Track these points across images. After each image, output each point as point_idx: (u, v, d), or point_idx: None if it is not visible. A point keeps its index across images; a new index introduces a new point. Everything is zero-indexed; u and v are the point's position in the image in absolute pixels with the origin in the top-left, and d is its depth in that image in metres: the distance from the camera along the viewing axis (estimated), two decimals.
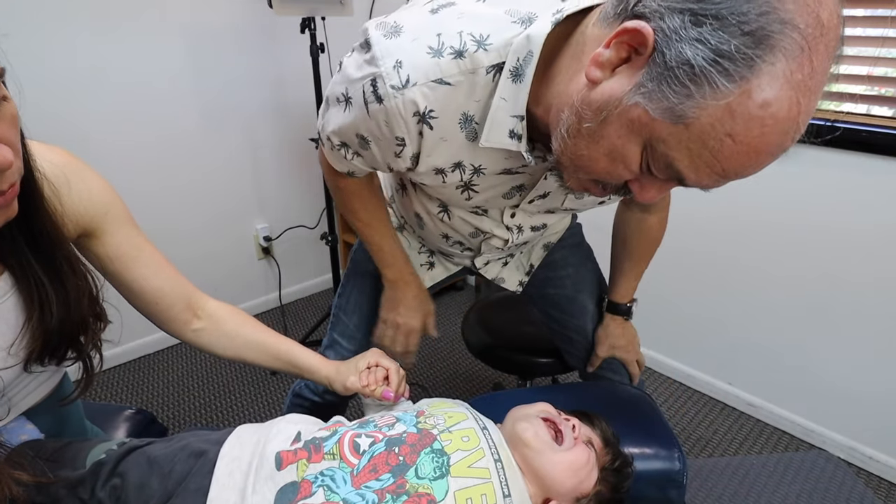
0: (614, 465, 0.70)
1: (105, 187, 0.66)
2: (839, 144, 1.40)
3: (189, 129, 1.93)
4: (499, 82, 0.59)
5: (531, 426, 0.66)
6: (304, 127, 2.22)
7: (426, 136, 0.65)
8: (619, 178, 0.55)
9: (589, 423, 0.73)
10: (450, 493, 0.56)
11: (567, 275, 1.08)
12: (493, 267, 1.07)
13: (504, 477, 0.59)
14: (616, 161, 0.53)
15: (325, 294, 2.52)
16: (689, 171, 0.50)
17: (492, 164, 0.69)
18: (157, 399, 1.85)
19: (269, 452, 0.60)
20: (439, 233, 0.93)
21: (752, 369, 1.75)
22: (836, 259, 1.48)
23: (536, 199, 0.79)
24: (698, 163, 0.48)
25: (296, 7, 1.64)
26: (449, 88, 0.60)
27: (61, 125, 1.64)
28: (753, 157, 0.47)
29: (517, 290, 1.10)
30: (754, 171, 0.49)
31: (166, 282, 0.73)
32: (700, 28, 0.43)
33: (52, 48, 1.58)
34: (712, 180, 0.50)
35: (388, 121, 0.63)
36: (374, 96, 0.62)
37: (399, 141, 0.66)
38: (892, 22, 1.29)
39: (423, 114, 0.62)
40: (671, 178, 0.52)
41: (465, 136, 0.65)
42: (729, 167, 0.48)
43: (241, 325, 0.81)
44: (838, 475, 1.54)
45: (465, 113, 0.63)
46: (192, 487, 0.59)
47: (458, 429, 0.63)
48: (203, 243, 2.10)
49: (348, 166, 0.79)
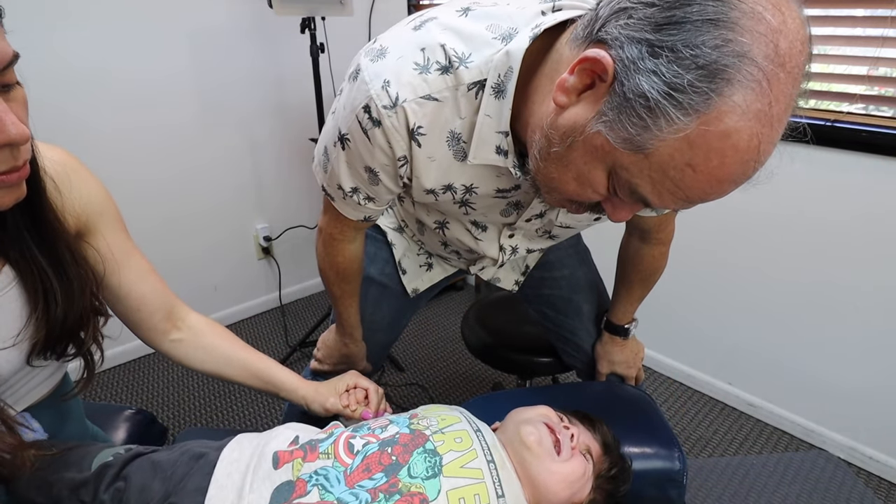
0: (610, 474, 0.69)
1: (102, 189, 0.67)
2: (839, 144, 1.40)
3: (189, 128, 1.94)
4: (482, 99, 0.59)
5: (536, 430, 0.66)
6: (304, 127, 2.22)
7: (416, 155, 0.64)
8: (589, 199, 0.56)
9: (590, 426, 0.73)
10: (442, 493, 0.56)
11: (563, 276, 1.08)
12: (488, 269, 1.06)
13: (497, 477, 0.59)
14: (584, 185, 0.53)
15: (324, 294, 2.52)
16: (652, 196, 0.50)
17: (483, 185, 0.69)
18: (157, 399, 1.85)
19: (268, 452, 0.61)
20: (438, 240, 0.95)
21: (752, 369, 1.75)
22: (836, 259, 1.48)
23: (534, 219, 0.79)
24: (661, 189, 0.49)
25: (296, 7, 1.64)
26: (436, 104, 0.60)
27: (61, 124, 1.64)
28: (716, 186, 0.47)
29: (513, 289, 1.10)
30: (719, 197, 0.50)
31: (150, 290, 0.74)
32: (656, 60, 0.43)
33: (52, 47, 1.58)
34: (677, 205, 0.51)
35: (390, 141, 0.63)
36: (371, 122, 0.62)
37: (402, 160, 0.66)
38: (892, 22, 1.29)
39: (412, 130, 0.62)
40: (637, 202, 0.53)
41: (453, 155, 0.65)
42: (692, 195, 0.48)
43: (220, 340, 0.80)
44: (838, 475, 1.54)
45: (452, 131, 0.63)
46: (190, 487, 0.59)
47: (450, 430, 0.64)
48: (203, 243, 2.10)
49: (363, 212, 0.79)
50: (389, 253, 1.02)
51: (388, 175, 0.69)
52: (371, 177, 0.70)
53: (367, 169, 0.69)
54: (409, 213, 0.95)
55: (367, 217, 0.81)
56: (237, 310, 2.29)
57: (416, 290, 1.06)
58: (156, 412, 1.77)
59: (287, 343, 2.17)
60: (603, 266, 1.13)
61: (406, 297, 1.06)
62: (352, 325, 0.99)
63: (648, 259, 0.96)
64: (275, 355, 2.08)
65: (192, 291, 2.12)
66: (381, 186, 0.71)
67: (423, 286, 1.07)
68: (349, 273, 0.91)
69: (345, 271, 0.90)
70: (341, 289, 0.93)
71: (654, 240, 0.93)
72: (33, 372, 0.65)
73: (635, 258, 0.97)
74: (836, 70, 1.41)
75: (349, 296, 0.95)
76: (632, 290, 1.00)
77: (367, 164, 0.68)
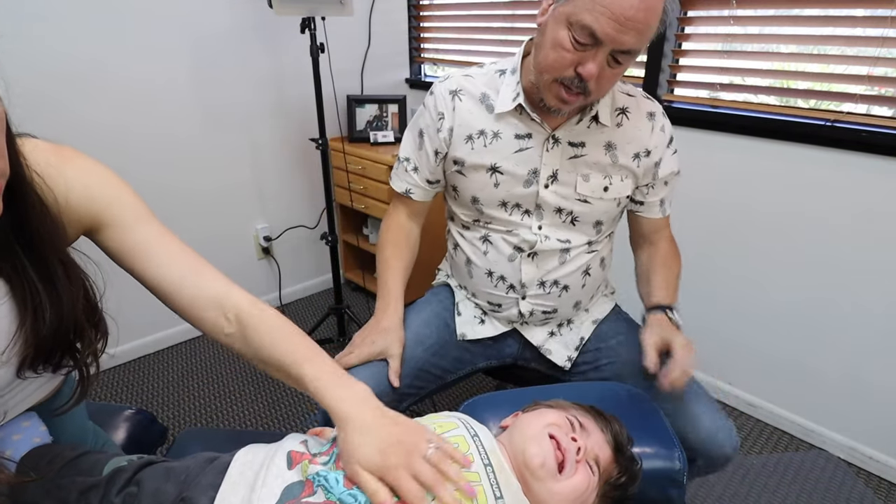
0: (619, 482, 0.67)
1: (106, 179, 0.63)
2: (839, 144, 1.40)
3: (189, 128, 1.94)
4: (505, 76, 0.99)
5: (540, 451, 0.64)
6: (304, 127, 2.23)
7: (457, 109, 1.00)
8: (564, 62, 0.82)
9: (603, 424, 0.71)
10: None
11: (619, 342, 1.07)
12: (539, 332, 1.10)
13: (495, 479, 0.60)
14: (556, 47, 0.81)
15: (325, 294, 2.53)
16: (595, 23, 0.76)
17: (505, 130, 0.98)
18: (157, 399, 1.85)
19: (282, 453, 0.63)
20: (485, 271, 1.07)
21: (752, 369, 1.75)
22: (835, 259, 1.49)
23: (551, 184, 0.99)
24: (596, 15, 0.76)
25: (296, 7, 1.64)
26: (472, 80, 1.01)
27: (61, 124, 1.63)
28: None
29: (565, 365, 1.09)
30: (637, 12, 0.74)
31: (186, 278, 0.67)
32: None
33: (52, 46, 1.58)
34: (612, 27, 0.76)
35: (435, 102, 1.01)
36: (429, 94, 1.03)
37: (440, 115, 1.00)
38: (892, 22, 1.29)
39: (455, 91, 1.00)
40: (592, 43, 0.78)
41: (485, 110, 0.99)
42: (616, 9, 0.74)
43: (260, 336, 0.68)
44: (838, 475, 1.54)
45: (483, 93, 0.99)
46: (203, 483, 0.60)
47: (448, 436, 0.65)
48: (203, 243, 2.07)
49: (407, 182, 1.08)
50: (453, 301, 1.15)
51: (430, 138, 1.02)
52: (420, 141, 1.04)
53: (419, 133, 1.04)
54: (458, 263, 1.12)
55: (407, 190, 1.08)
56: None
57: (464, 336, 1.10)
58: (156, 412, 1.77)
59: None
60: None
61: (454, 337, 1.10)
62: (392, 292, 1.04)
63: (660, 252, 1.09)
64: None
65: None
66: (423, 152, 1.04)
67: (472, 335, 1.10)
68: (399, 235, 1.11)
69: (394, 232, 1.11)
70: (390, 251, 1.09)
71: (656, 239, 1.10)
72: (26, 382, 0.63)
73: (648, 261, 1.09)
74: (836, 70, 1.41)
75: (396, 259, 1.08)
76: (655, 276, 1.06)
77: (420, 128, 1.04)
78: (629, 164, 0.99)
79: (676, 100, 1.70)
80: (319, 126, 1.83)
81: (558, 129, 0.96)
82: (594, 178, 0.99)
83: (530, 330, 1.10)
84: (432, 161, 1.03)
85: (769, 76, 1.52)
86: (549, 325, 1.11)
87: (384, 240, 1.11)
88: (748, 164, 1.56)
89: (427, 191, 1.08)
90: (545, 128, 0.95)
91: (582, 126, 0.96)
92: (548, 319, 1.09)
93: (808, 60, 1.47)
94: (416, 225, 1.13)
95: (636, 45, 0.79)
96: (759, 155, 1.53)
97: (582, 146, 0.97)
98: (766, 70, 1.53)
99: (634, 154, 0.99)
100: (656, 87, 1.70)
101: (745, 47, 1.55)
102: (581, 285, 1.06)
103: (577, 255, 1.04)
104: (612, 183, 0.99)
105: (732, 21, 1.55)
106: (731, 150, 1.59)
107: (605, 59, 0.80)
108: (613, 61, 0.81)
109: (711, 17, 1.59)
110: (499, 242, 1.04)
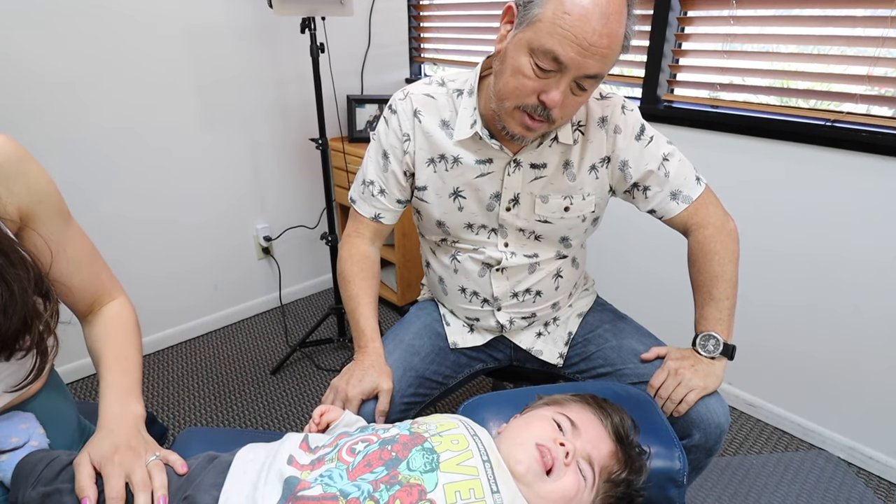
0: (620, 477, 0.66)
1: (43, 178, 0.66)
2: (839, 144, 1.40)
3: (189, 128, 1.94)
4: (462, 98, 0.96)
5: (525, 458, 0.64)
6: (304, 127, 2.23)
7: (419, 131, 0.97)
8: (526, 90, 0.80)
9: (603, 414, 0.70)
10: (439, 485, 0.58)
11: (606, 329, 1.10)
12: (525, 336, 1.11)
13: (493, 474, 0.61)
14: (517, 74, 0.80)
15: (325, 294, 2.53)
16: (558, 48, 0.75)
17: (465, 155, 0.96)
18: (157, 399, 1.85)
19: (283, 452, 0.65)
20: (457, 287, 1.07)
21: (751, 369, 1.75)
22: (835, 259, 1.49)
23: (513, 207, 0.98)
24: (559, 39, 0.74)
25: (296, 7, 1.64)
26: (432, 100, 0.98)
27: (61, 124, 1.64)
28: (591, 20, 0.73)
29: (558, 362, 1.10)
30: (600, 38, 0.74)
31: (79, 282, 0.73)
32: None
33: (52, 45, 1.58)
34: (576, 50, 0.74)
35: (399, 122, 0.98)
36: (389, 111, 0.99)
37: (405, 137, 0.98)
38: (892, 22, 1.29)
39: (416, 111, 0.97)
40: (556, 69, 0.77)
41: (444, 135, 0.97)
42: (579, 33, 0.73)
43: (101, 331, 0.76)
44: (838, 475, 1.54)
45: (442, 119, 0.97)
46: (206, 482, 0.62)
47: (448, 434, 0.66)
48: (203, 243, 2.10)
49: (375, 206, 1.03)
50: (440, 313, 1.14)
51: (397, 159, 0.99)
52: (385, 163, 1.00)
53: (384, 154, 1.00)
54: (433, 280, 1.13)
55: (377, 215, 1.04)
56: (237, 310, 2.29)
57: (455, 344, 1.11)
58: (156, 412, 1.77)
59: (287, 343, 2.17)
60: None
61: (447, 345, 1.10)
62: (366, 332, 0.98)
63: (695, 247, 1.03)
64: (275, 355, 2.08)
65: (192, 291, 2.12)
66: (390, 173, 1.00)
67: (462, 344, 1.11)
68: (364, 266, 1.04)
69: (360, 263, 1.04)
70: (357, 286, 1.02)
71: (693, 226, 1.03)
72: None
73: (689, 258, 1.05)
74: (835, 70, 1.41)
75: (366, 295, 1.02)
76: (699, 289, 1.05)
77: (383, 149, 1.00)
78: (587, 179, 0.97)
79: (676, 100, 1.70)
80: (319, 126, 1.83)
81: (520, 153, 0.94)
82: (553, 199, 0.97)
83: (517, 335, 1.11)
84: (401, 180, 1.01)
85: (769, 76, 1.52)
86: (534, 327, 1.12)
87: (350, 272, 1.03)
88: (748, 164, 1.56)
89: (397, 212, 1.05)
90: (506, 152, 0.94)
91: (543, 147, 0.95)
92: (531, 323, 1.11)
93: (807, 60, 1.47)
94: (378, 248, 1.08)
95: (600, 69, 0.78)
96: (759, 155, 1.53)
97: (543, 167, 0.96)
98: (766, 70, 1.53)
99: (591, 167, 0.97)
100: (656, 87, 1.70)
101: (744, 47, 1.55)
102: (554, 288, 1.07)
103: (546, 263, 1.04)
104: (574, 203, 0.98)
105: (732, 21, 1.55)
106: (731, 150, 1.59)
107: (568, 87, 0.79)
108: (577, 88, 0.80)
109: (711, 17, 1.59)
110: (466, 261, 1.04)
